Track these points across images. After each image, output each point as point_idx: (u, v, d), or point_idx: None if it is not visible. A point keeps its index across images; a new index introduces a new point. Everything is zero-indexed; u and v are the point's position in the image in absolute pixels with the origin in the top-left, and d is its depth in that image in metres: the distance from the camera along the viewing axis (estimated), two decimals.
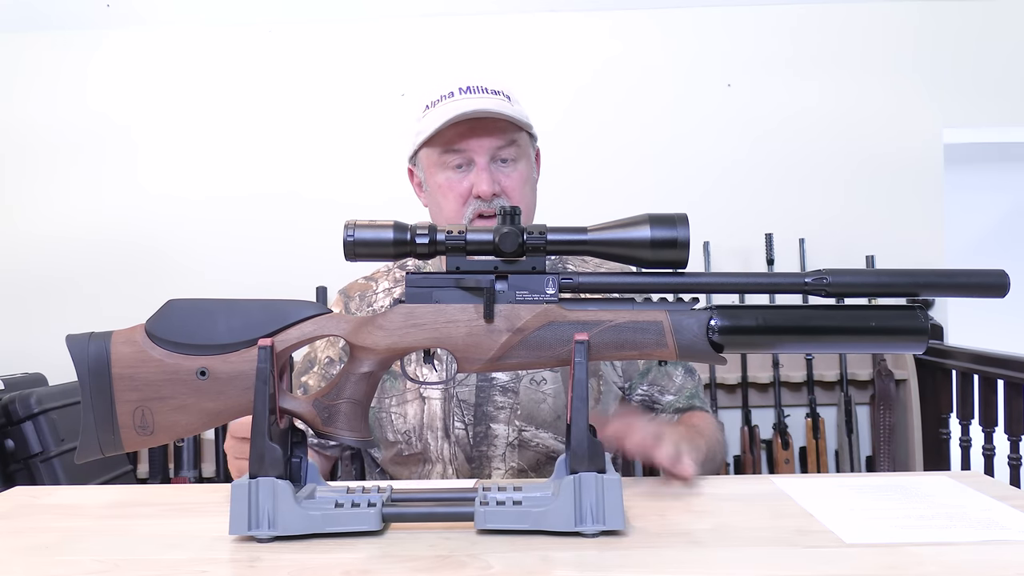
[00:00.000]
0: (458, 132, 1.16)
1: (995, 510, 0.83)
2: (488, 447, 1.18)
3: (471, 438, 1.18)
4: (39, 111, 2.82)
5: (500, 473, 1.18)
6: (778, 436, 2.62)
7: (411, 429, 1.19)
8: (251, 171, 2.81)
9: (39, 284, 2.80)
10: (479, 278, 0.81)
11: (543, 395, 1.18)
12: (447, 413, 1.18)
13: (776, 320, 0.80)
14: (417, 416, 1.19)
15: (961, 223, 3.75)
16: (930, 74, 2.79)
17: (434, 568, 0.69)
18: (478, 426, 1.18)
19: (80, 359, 0.80)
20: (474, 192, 1.17)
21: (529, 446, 1.18)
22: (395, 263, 1.32)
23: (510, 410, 1.18)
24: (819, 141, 2.79)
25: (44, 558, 0.75)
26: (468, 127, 1.16)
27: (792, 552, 0.72)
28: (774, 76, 2.81)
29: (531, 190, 1.24)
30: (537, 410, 1.18)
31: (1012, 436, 2.16)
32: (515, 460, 1.18)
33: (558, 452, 1.18)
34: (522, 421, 1.18)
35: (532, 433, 1.18)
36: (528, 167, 1.23)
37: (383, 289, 1.29)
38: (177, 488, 1.02)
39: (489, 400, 1.19)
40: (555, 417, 1.18)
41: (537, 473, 1.18)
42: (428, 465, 1.20)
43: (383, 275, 1.31)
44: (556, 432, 1.18)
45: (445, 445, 1.18)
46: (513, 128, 1.18)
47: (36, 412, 2.21)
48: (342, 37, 2.82)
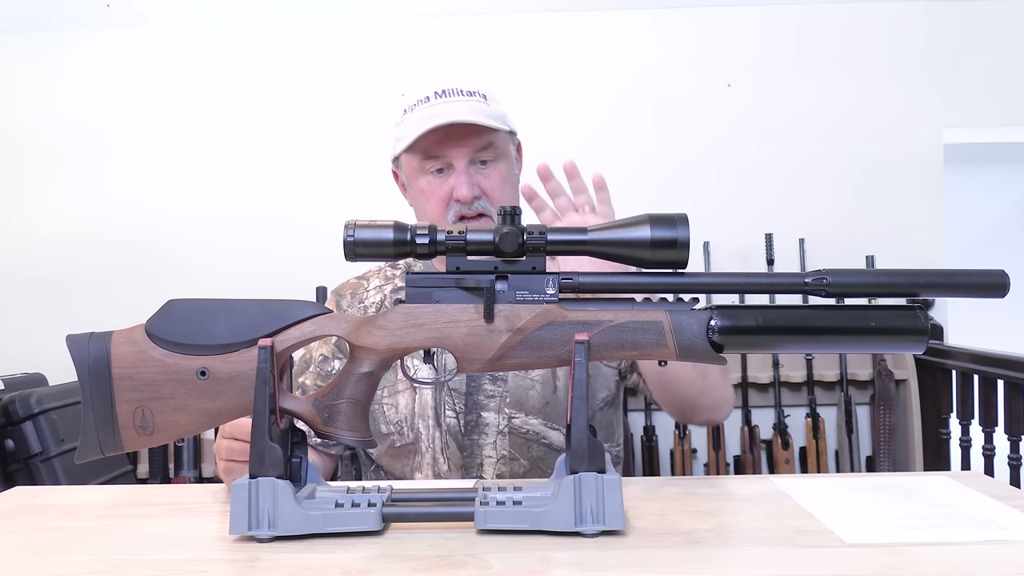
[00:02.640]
0: (435, 139, 1.19)
1: (995, 510, 0.83)
2: (479, 435, 1.20)
3: (462, 426, 1.20)
4: (39, 111, 2.82)
5: (492, 461, 1.20)
6: (778, 436, 2.62)
7: (403, 419, 1.21)
8: (251, 171, 2.81)
9: (39, 284, 2.80)
10: (479, 278, 0.81)
11: (531, 382, 1.21)
12: (438, 402, 1.21)
13: (776, 320, 0.80)
14: (409, 406, 1.21)
15: (961, 223, 3.75)
16: (930, 74, 2.79)
17: (434, 568, 0.69)
18: (469, 414, 1.20)
19: (80, 359, 0.80)
20: (454, 196, 1.20)
21: (519, 433, 1.20)
22: (387, 262, 1.34)
23: (500, 398, 1.20)
24: (819, 141, 2.79)
25: (44, 558, 0.75)
26: (444, 133, 1.18)
27: (792, 552, 0.72)
28: (774, 76, 2.81)
29: (512, 187, 1.26)
30: (526, 397, 1.20)
31: (1012, 436, 2.16)
32: (506, 448, 1.20)
33: (549, 437, 1.20)
34: (512, 408, 1.20)
35: (522, 420, 1.20)
36: (508, 166, 1.25)
37: (374, 287, 1.31)
38: (177, 488, 1.02)
39: (480, 389, 1.21)
40: (544, 403, 1.20)
41: (527, 460, 1.20)
42: (419, 456, 1.21)
43: (374, 274, 1.34)
44: (545, 417, 1.20)
45: (436, 434, 1.20)
46: (490, 130, 1.20)
47: (36, 412, 2.21)
48: (342, 37, 2.82)
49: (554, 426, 1.20)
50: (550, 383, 1.21)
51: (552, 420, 1.20)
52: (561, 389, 1.21)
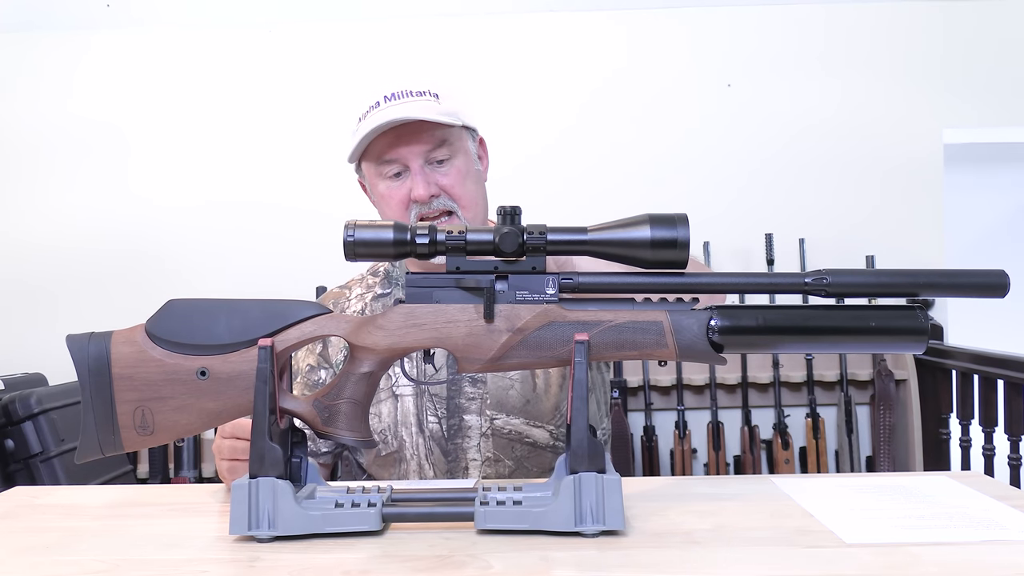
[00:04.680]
0: (386, 142, 1.17)
1: (995, 510, 0.83)
2: (463, 439, 1.20)
3: (445, 431, 1.20)
4: (39, 111, 2.82)
5: (476, 464, 1.19)
6: (778, 436, 2.62)
7: (386, 428, 1.21)
8: (250, 173, 2.81)
9: (39, 285, 2.80)
10: (479, 278, 0.81)
11: (510, 381, 1.20)
12: (420, 409, 1.20)
13: (776, 320, 0.80)
14: (391, 414, 1.21)
15: (961, 223, 3.75)
16: (930, 74, 2.79)
17: (434, 568, 0.69)
18: (451, 419, 1.20)
19: (80, 359, 0.80)
20: (412, 197, 1.17)
21: (501, 433, 1.19)
22: (368, 270, 1.34)
23: (480, 400, 1.20)
24: (819, 141, 2.79)
25: (44, 558, 0.75)
26: (395, 135, 1.16)
27: (792, 552, 0.72)
28: (775, 76, 2.81)
29: (474, 182, 1.22)
30: (506, 397, 1.20)
31: (1012, 436, 2.16)
32: (490, 450, 1.19)
33: (532, 435, 1.20)
34: (493, 410, 1.19)
35: (504, 420, 1.19)
36: (466, 161, 1.21)
37: (356, 295, 1.31)
38: (177, 488, 1.02)
39: (460, 392, 1.20)
40: (524, 402, 1.20)
41: (511, 460, 1.20)
42: (404, 464, 1.21)
43: (356, 282, 1.34)
44: (527, 416, 1.20)
45: (420, 441, 1.20)
46: (442, 127, 1.17)
47: (36, 412, 2.21)
48: (341, 38, 2.82)
49: (537, 424, 1.20)
50: (529, 381, 1.20)
51: (534, 418, 1.20)
52: (541, 386, 1.20)
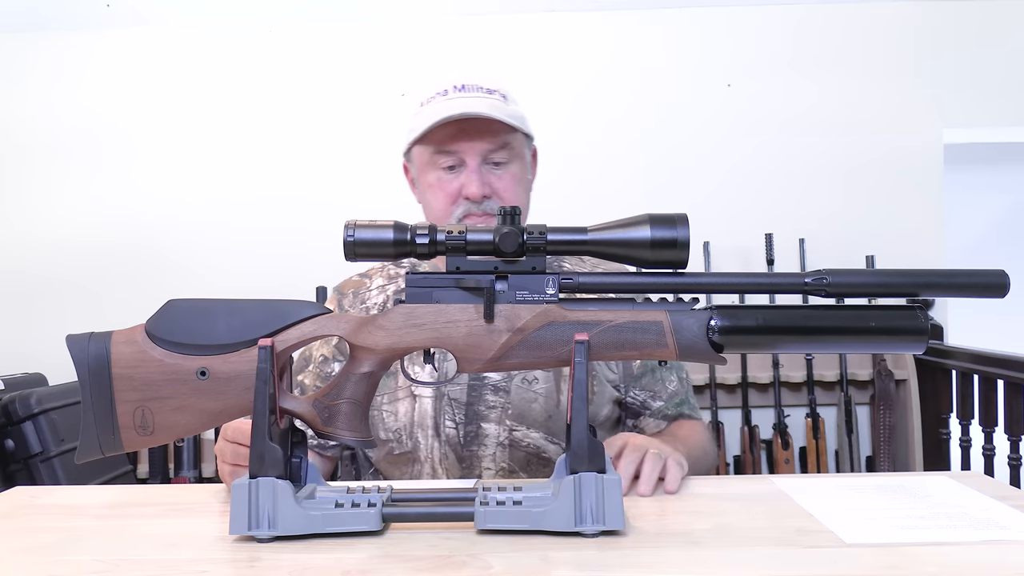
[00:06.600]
0: (449, 133, 1.15)
1: (995, 510, 0.83)
2: (479, 447, 1.17)
3: (461, 437, 1.17)
4: (40, 112, 2.82)
5: (491, 473, 1.18)
6: (778, 436, 2.62)
7: (402, 427, 1.19)
8: (251, 172, 2.81)
9: (39, 284, 2.80)
10: (479, 278, 0.81)
11: (535, 394, 1.18)
12: (438, 412, 1.18)
13: (776, 320, 0.80)
14: (408, 414, 1.19)
15: (961, 223, 3.75)
16: (930, 74, 2.79)
17: (434, 568, 0.69)
18: (469, 425, 1.17)
19: (80, 359, 0.80)
20: (464, 193, 1.17)
21: (519, 446, 1.17)
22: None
23: (501, 409, 1.17)
24: (819, 141, 2.79)
25: (44, 558, 0.75)
26: (459, 128, 1.15)
27: (792, 552, 0.72)
28: (775, 76, 2.81)
29: (524, 191, 1.22)
30: (528, 409, 1.17)
31: (1012, 436, 2.16)
32: (505, 460, 1.17)
33: (548, 452, 1.17)
34: (513, 421, 1.17)
35: (523, 433, 1.17)
36: (521, 169, 1.21)
37: (377, 286, 1.29)
38: (177, 488, 1.02)
39: (481, 399, 1.18)
40: (546, 417, 1.17)
41: (527, 473, 1.18)
42: (418, 465, 1.19)
43: (377, 272, 1.32)
44: (547, 432, 1.17)
45: (435, 444, 1.18)
46: (506, 130, 1.17)
47: (36, 412, 2.21)
48: (342, 37, 2.82)
49: (555, 440, 1.17)
50: (553, 397, 1.18)
51: (553, 434, 1.17)
52: (565, 403, 1.17)
